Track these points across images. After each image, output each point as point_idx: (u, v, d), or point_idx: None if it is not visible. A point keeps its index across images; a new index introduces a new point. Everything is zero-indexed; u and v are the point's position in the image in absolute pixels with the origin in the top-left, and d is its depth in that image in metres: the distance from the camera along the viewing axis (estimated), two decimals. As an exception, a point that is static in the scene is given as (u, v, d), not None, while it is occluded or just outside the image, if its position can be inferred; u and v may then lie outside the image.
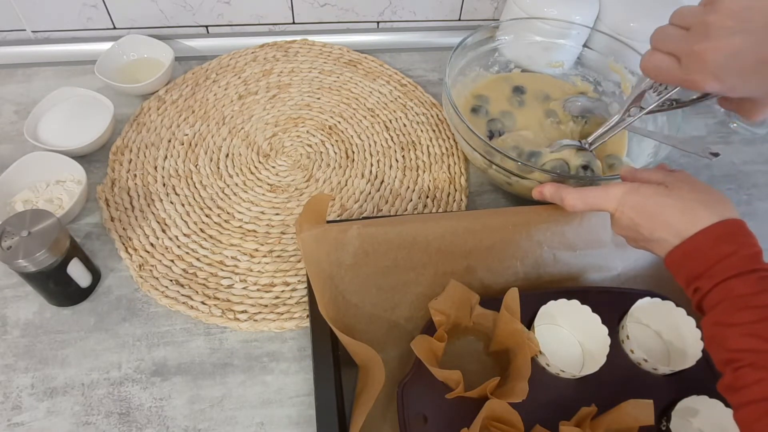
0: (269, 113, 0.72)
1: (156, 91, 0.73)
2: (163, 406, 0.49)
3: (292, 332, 0.54)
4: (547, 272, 0.55)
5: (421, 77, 0.79)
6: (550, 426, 0.44)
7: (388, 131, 0.71)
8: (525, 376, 0.45)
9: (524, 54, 0.74)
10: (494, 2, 0.83)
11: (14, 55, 0.76)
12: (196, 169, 0.66)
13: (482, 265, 0.54)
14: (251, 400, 0.50)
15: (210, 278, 0.57)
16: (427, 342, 0.47)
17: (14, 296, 0.55)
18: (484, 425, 0.44)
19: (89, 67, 0.72)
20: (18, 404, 0.49)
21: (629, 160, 0.66)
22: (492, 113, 0.69)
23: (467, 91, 0.71)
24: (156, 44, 0.75)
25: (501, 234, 0.54)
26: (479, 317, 0.50)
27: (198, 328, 0.54)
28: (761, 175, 0.71)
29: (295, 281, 0.57)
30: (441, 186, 0.66)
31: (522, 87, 0.72)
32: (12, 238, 0.47)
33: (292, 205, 0.63)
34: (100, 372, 0.51)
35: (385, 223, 0.52)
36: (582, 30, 0.72)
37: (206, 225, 0.61)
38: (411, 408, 0.46)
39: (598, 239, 0.56)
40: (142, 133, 0.68)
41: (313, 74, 0.77)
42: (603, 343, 0.48)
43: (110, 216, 0.61)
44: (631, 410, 0.44)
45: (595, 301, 0.50)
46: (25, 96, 0.72)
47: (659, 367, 0.48)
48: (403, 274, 0.52)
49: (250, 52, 0.79)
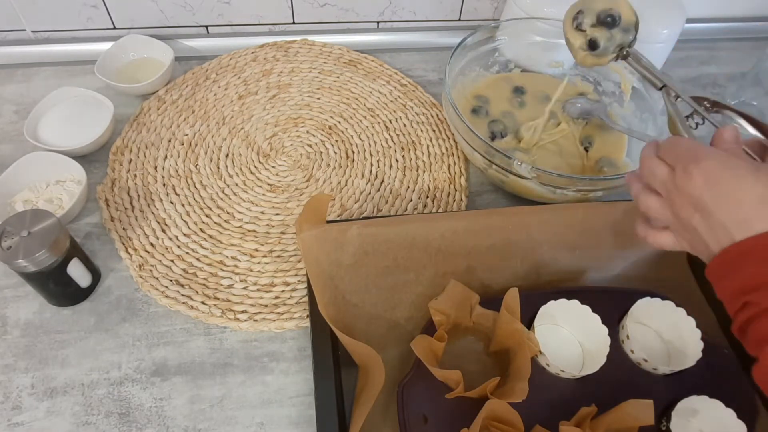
0: (269, 113, 0.72)
1: (156, 91, 0.73)
2: (163, 406, 0.49)
3: (292, 332, 0.54)
4: (547, 272, 0.55)
5: (421, 77, 0.79)
6: (550, 426, 0.44)
7: (388, 131, 0.71)
8: (525, 376, 0.45)
9: (524, 54, 0.74)
10: (494, 2, 0.83)
11: (14, 55, 0.76)
12: (196, 169, 0.66)
13: (482, 265, 0.54)
14: (251, 400, 0.50)
15: (210, 278, 0.57)
16: (427, 342, 0.47)
17: (14, 296, 0.55)
18: (484, 425, 0.44)
19: (89, 67, 0.72)
20: (18, 404, 0.49)
21: (629, 160, 0.66)
22: (492, 114, 0.69)
23: (467, 91, 0.71)
24: (156, 44, 0.75)
25: (501, 234, 0.54)
26: (479, 317, 0.50)
27: (198, 328, 0.54)
28: (761, 175, 0.71)
29: (295, 281, 0.57)
30: (441, 186, 0.66)
31: (522, 87, 0.72)
32: (12, 238, 0.47)
33: (292, 205, 0.63)
34: (100, 372, 0.51)
35: (385, 223, 0.52)
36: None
37: (206, 225, 0.61)
38: (411, 408, 0.46)
39: (598, 239, 0.56)
40: (142, 133, 0.68)
41: (313, 74, 0.77)
42: (603, 343, 0.48)
43: (110, 216, 0.61)
44: (631, 410, 0.44)
45: (595, 301, 0.50)
46: (25, 96, 0.72)
47: (659, 367, 0.48)
48: (403, 274, 0.52)
49: (250, 52, 0.79)
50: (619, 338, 0.50)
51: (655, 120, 0.66)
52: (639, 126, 0.68)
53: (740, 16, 0.90)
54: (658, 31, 0.71)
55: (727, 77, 0.83)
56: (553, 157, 0.66)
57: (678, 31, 0.72)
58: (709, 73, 0.84)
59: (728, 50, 0.87)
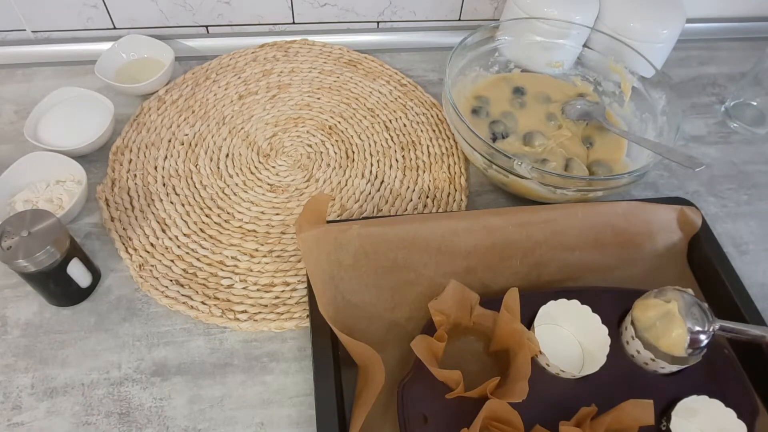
0: (269, 113, 0.72)
1: (156, 91, 0.73)
2: (163, 406, 0.49)
3: (292, 332, 0.54)
4: (547, 272, 0.55)
5: (421, 77, 0.79)
6: (550, 426, 0.44)
7: (388, 131, 0.71)
8: (525, 376, 0.44)
9: (524, 54, 0.74)
10: (494, 2, 0.83)
11: (14, 55, 0.76)
12: (196, 169, 0.66)
13: (482, 265, 0.54)
14: (251, 400, 0.50)
15: (210, 278, 0.57)
16: (427, 342, 0.47)
17: (14, 296, 0.55)
18: (484, 425, 0.44)
19: (89, 67, 0.72)
20: (18, 404, 0.49)
21: (629, 160, 0.66)
22: (493, 114, 0.69)
23: (467, 91, 0.71)
24: (156, 44, 0.75)
25: (501, 234, 0.54)
26: (479, 317, 0.50)
27: (198, 328, 0.54)
28: (761, 175, 0.71)
29: (295, 281, 0.57)
30: (441, 186, 0.66)
31: (522, 88, 0.72)
32: (12, 238, 0.47)
33: (292, 205, 0.63)
34: (100, 372, 0.51)
35: (385, 223, 0.52)
36: (582, 30, 0.72)
37: (206, 225, 0.61)
38: (411, 408, 0.46)
39: (598, 239, 0.56)
40: (142, 133, 0.68)
41: (313, 74, 0.77)
42: (603, 343, 0.48)
43: (110, 216, 0.61)
44: (631, 410, 0.44)
45: (595, 301, 0.50)
46: (25, 96, 0.72)
47: (666, 366, 0.47)
48: (403, 274, 0.52)
49: (250, 52, 0.79)
50: (622, 339, 0.50)
51: (655, 120, 0.66)
52: (639, 126, 0.68)
53: (740, 16, 0.90)
54: (658, 31, 0.71)
55: (727, 77, 0.83)
56: (563, 160, 0.65)
57: (678, 31, 0.72)
58: (709, 73, 0.84)
59: (728, 50, 0.87)
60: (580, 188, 0.57)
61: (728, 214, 0.67)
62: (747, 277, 0.59)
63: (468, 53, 0.69)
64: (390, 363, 0.49)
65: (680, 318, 0.47)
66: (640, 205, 0.57)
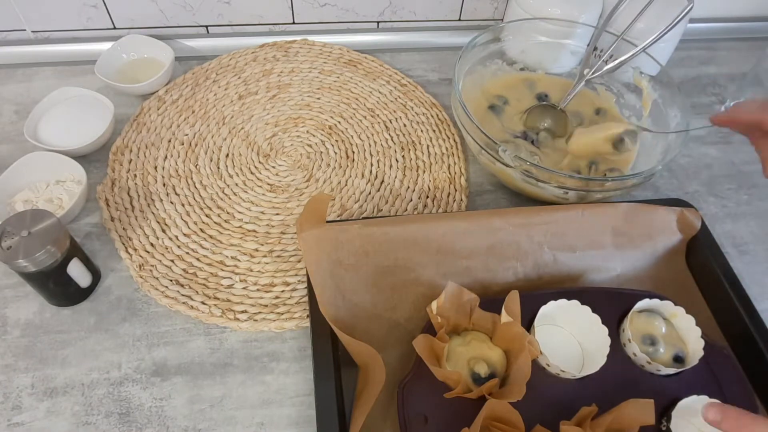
0: (269, 113, 0.72)
1: (156, 91, 0.73)
2: (163, 406, 0.49)
3: (292, 332, 0.54)
4: (547, 273, 0.55)
5: (421, 77, 0.79)
6: (551, 426, 0.44)
7: (388, 131, 0.71)
8: (525, 378, 0.44)
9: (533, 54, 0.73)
10: (494, 2, 0.83)
11: (14, 55, 0.76)
12: (196, 169, 0.66)
13: (482, 265, 0.54)
14: (251, 400, 0.50)
15: (210, 278, 0.57)
16: (429, 341, 0.47)
17: (14, 296, 0.55)
18: (485, 425, 0.44)
19: (89, 67, 0.72)
20: (18, 404, 0.49)
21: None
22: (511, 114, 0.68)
23: (478, 90, 0.70)
24: (156, 44, 0.75)
25: (501, 234, 0.54)
26: (479, 320, 0.50)
27: (198, 328, 0.54)
28: (761, 175, 0.71)
29: (295, 281, 0.57)
30: (441, 186, 0.66)
31: (545, 96, 0.71)
32: (12, 238, 0.47)
33: (292, 205, 0.63)
34: (100, 372, 0.51)
35: (385, 223, 0.52)
36: (586, 30, 0.71)
37: (206, 225, 0.61)
38: (411, 408, 0.46)
39: (598, 240, 0.56)
40: (142, 133, 0.68)
41: (313, 74, 0.77)
42: (603, 344, 0.48)
43: (110, 216, 0.61)
44: (632, 410, 0.44)
45: (595, 302, 0.50)
46: (25, 96, 0.72)
47: (662, 368, 0.47)
48: (403, 274, 0.52)
49: (250, 52, 0.79)
50: (621, 340, 0.50)
51: (666, 137, 0.64)
52: (650, 141, 0.66)
53: (740, 16, 0.90)
54: (659, 31, 0.70)
55: (727, 77, 0.83)
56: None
57: (680, 31, 0.72)
58: (709, 73, 0.84)
59: (728, 50, 0.88)
60: (578, 190, 0.57)
61: (728, 214, 0.67)
62: (747, 277, 0.59)
63: (475, 53, 0.68)
64: (390, 363, 0.49)
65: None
66: (640, 207, 0.57)
